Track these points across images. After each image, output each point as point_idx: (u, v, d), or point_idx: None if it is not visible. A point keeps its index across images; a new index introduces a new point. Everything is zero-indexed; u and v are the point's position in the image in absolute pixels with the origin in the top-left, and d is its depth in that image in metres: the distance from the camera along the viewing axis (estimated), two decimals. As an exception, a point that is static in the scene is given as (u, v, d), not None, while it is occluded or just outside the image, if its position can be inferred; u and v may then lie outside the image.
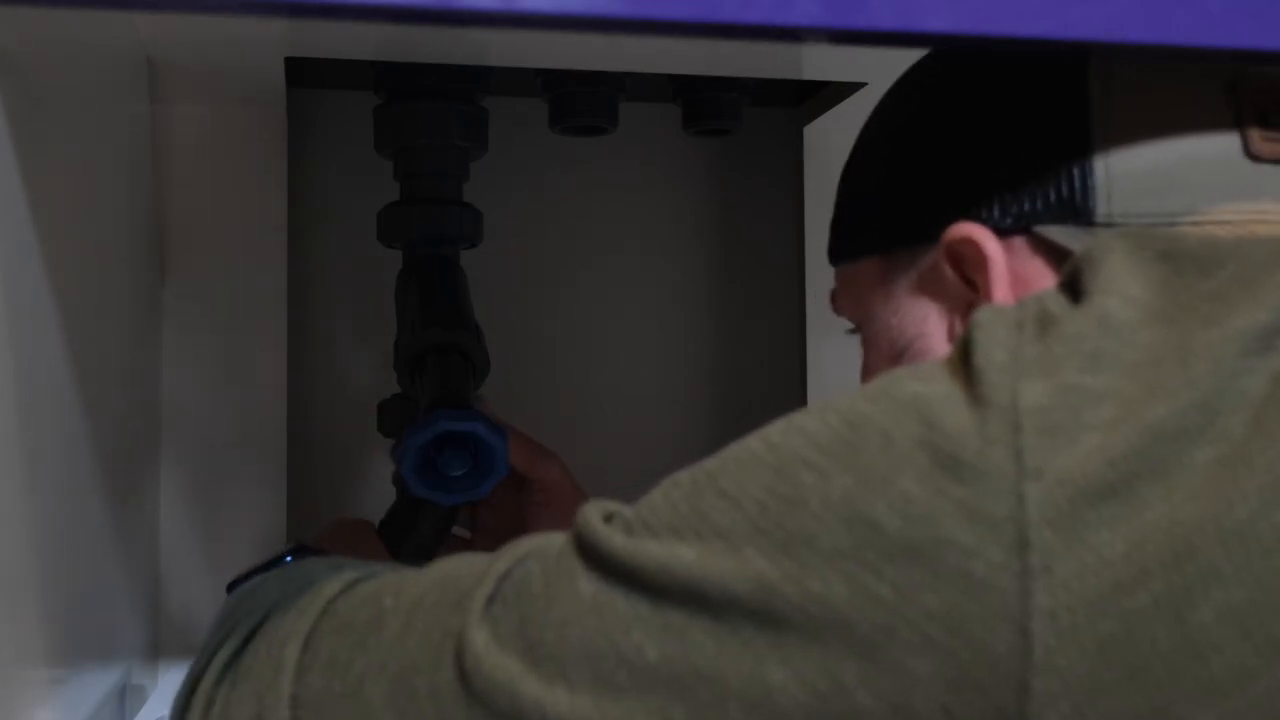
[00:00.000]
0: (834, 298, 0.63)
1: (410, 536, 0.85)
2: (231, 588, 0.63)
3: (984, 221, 0.53)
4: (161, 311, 0.93)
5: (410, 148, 0.88)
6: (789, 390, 1.11)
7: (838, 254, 0.62)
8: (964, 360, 0.43)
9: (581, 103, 0.92)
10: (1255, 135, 0.52)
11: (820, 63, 0.92)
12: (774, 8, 0.47)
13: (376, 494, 0.96)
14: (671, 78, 0.95)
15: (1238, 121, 0.52)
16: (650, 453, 1.07)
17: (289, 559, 0.69)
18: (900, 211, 0.57)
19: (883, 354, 0.58)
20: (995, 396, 0.41)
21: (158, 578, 0.92)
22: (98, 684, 0.71)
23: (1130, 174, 0.51)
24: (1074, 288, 0.46)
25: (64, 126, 0.61)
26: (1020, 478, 0.40)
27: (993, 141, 0.54)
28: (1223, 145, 0.52)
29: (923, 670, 0.39)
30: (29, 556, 0.55)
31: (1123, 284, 0.44)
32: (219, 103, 0.93)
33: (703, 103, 0.95)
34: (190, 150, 0.93)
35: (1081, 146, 0.52)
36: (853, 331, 0.62)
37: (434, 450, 0.79)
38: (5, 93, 0.51)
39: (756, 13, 0.47)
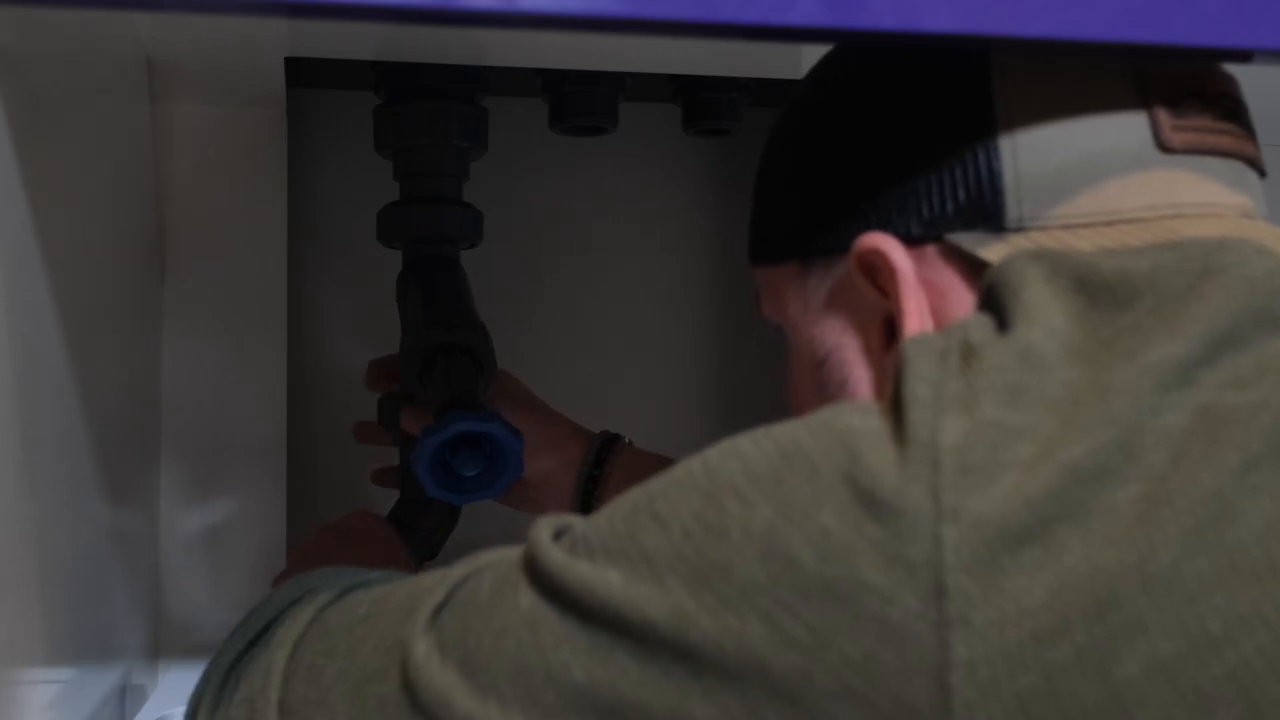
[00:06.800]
0: (756, 299, 0.61)
1: (414, 535, 0.85)
2: None
3: (894, 230, 0.51)
4: (161, 311, 0.92)
5: (410, 148, 0.88)
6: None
7: (757, 255, 0.60)
8: (894, 394, 0.42)
9: (581, 103, 0.92)
10: (1165, 125, 0.50)
11: (820, 63, 0.92)
12: (774, 8, 0.47)
13: (377, 493, 0.96)
14: (671, 78, 0.95)
15: (1147, 112, 0.50)
16: (650, 453, 1.06)
17: None
18: (812, 220, 0.55)
19: (804, 362, 0.56)
20: (916, 434, 0.40)
21: (158, 578, 0.92)
22: (98, 684, 0.71)
23: (1040, 175, 0.49)
24: (997, 313, 0.44)
25: (64, 126, 0.61)
26: (938, 519, 0.38)
27: (897, 148, 0.52)
28: (1132, 139, 0.50)
29: (845, 718, 0.38)
30: (29, 556, 0.55)
31: (1046, 315, 0.43)
32: (219, 103, 0.93)
33: (703, 103, 0.95)
34: (190, 150, 0.93)
35: (988, 149, 0.50)
36: (779, 334, 0.60)
37: (449, 451, 0.79)
38: (5, 93, 0.51)
39: (756, 13, 0.47)
